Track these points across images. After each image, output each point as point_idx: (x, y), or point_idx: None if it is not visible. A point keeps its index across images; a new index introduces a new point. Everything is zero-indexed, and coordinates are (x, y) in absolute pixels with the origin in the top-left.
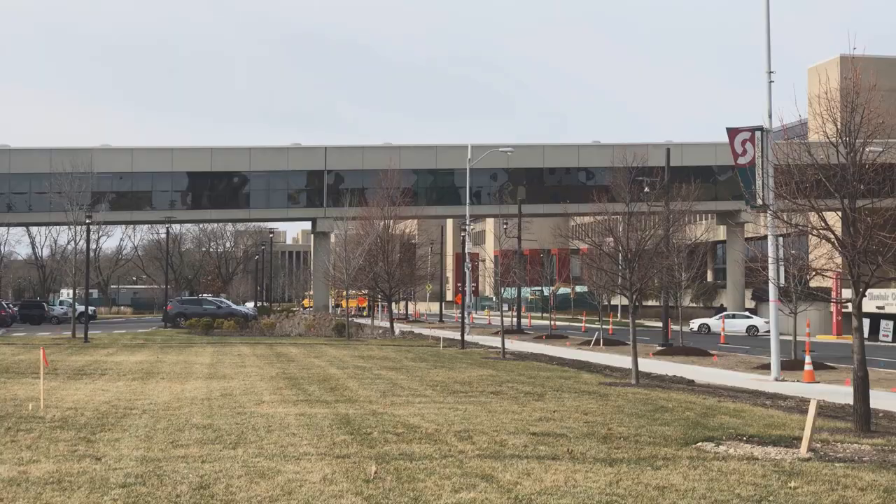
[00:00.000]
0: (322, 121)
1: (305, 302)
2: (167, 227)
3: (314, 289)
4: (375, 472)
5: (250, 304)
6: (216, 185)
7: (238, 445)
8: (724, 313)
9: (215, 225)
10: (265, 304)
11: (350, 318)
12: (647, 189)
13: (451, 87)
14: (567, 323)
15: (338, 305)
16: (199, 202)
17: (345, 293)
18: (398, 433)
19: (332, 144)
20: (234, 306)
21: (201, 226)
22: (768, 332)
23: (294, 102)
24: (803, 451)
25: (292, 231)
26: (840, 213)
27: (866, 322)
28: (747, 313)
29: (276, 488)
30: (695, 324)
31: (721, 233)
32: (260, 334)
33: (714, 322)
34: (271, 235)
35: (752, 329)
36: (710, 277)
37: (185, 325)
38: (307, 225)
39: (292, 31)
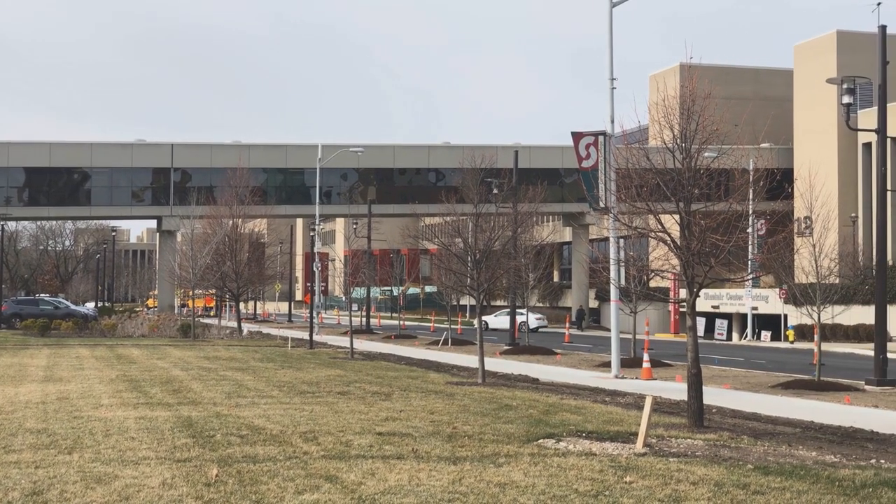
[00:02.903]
0: (170, 119)
1: (150, 302)
2: (1, 225)
3: (159, 288)
4: (217, 476)
5: (91, 305)
6: (55, 182)
7: (74, 450)
8: (501, 311)
9: (54, 222)
10: (107, 304)
11: (196, 319)
12: (495, 190)
13: (304, 86)
14: (416, 323)
15: (184, 305)
16: (37, 199)
17: (191, 293)
18: (242, 435)
19: (179, 142)
20: (72, 306)
21: (39, 223)
22: (536, 328)
23: (141, 100)
24: (639, 446)
25: (136, 229)
26: (677, 217)
27: (702, 321)
28: (522, 311)
29: (112, 494)
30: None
31: (567, 234)
32: (101, 335)
33: (492, 319)
34: (114, 234)
35: (522, 325)
36: (556, 278)
37: (20, 327)
38: (152, 223)
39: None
